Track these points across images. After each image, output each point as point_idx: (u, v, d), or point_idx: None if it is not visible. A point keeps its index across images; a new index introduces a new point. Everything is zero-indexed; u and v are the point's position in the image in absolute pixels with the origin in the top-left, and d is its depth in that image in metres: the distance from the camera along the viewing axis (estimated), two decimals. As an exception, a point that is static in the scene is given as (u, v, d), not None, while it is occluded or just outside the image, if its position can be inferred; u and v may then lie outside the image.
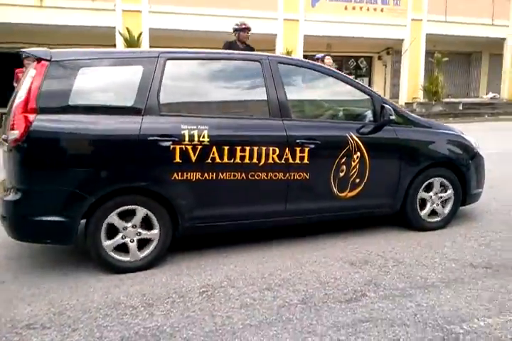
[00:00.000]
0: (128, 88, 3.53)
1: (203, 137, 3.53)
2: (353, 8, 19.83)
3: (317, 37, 18.85)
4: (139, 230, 3.50)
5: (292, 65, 4.09)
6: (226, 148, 3.59)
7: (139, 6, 16.56)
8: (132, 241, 3.48)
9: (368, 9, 20.11)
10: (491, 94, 22.32)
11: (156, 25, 16.27)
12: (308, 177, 3.87)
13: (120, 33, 15.38)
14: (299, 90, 4.27)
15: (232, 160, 3.63)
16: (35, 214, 3.29)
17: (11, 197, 3.30)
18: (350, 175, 4.02)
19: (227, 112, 3.93)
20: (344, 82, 4.19)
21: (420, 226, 4.39)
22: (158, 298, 3.04)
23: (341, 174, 3.99)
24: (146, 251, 3.53)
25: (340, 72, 4.32)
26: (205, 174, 3.57)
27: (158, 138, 3.44)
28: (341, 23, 19.12)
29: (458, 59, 22.56)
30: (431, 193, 4.41)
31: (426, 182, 4.36)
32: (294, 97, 4.04)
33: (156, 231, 3.53)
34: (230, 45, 7.10)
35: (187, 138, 3.49)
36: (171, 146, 3.46)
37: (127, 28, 15.17)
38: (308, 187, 3.93)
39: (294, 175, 3.83)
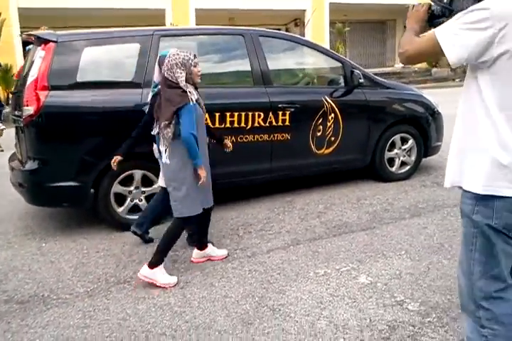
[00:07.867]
0: (128, 64, 3.92)
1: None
2: (249, -24, 17.75)
3: (215, 10, 17.51)
4: (142, 189, 3.94)
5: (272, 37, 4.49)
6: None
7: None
8: (141, 200, 3.95)
9: (264, -22, 18.05)
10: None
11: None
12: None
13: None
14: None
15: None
16: (52, 180, 3.70)
17: (30, 166, 3.70)
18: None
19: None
20: (318, 51, 4.67)
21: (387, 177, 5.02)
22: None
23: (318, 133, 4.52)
24: None
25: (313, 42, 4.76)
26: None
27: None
28: (238, -6, 17.50)
29: (372, 28, 21.27)
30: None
31: (392, 138, 4.92)
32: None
33: (157, 186, 3.87)
34: None
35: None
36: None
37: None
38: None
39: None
